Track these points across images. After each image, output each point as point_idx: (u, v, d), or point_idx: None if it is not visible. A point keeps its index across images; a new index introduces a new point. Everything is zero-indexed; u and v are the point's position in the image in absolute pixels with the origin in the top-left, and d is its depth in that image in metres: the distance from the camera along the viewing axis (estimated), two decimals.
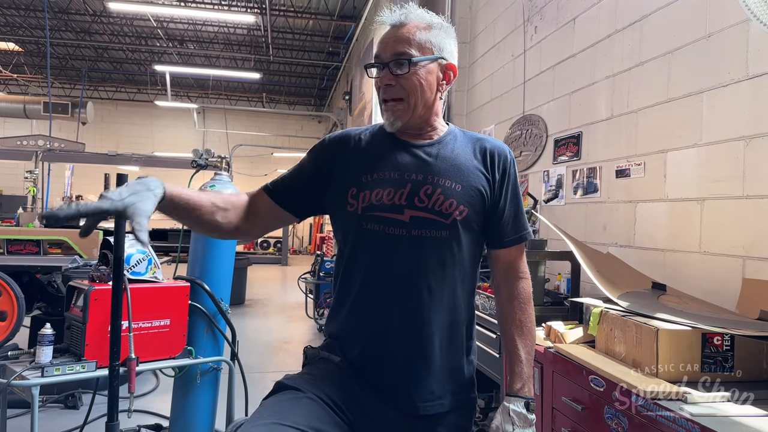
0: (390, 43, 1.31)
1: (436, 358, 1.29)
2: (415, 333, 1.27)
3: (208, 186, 2.83)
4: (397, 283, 1.27)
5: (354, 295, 1.33)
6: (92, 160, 11.11)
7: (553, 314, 2.44)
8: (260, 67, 15.99)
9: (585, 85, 3.14)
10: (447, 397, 1.31)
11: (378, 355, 1.29)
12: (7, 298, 3.52)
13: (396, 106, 1.32)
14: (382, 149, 1.36)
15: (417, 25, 1.32)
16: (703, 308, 1.91)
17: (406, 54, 1.29)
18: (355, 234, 1.31)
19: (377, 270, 1.29)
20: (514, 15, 4.12)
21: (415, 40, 1.30)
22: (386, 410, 1.28)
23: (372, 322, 1.30)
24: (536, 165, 3.69)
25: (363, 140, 1.40)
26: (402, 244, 1.27)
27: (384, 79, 1.31)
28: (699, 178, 2.24)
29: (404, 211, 1.27)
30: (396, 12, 1.34)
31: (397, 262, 1.27)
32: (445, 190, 1.29)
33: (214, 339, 2.76)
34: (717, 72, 2.17)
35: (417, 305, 1.27)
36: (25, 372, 2.24)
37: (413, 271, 1.27)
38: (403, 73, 1.29)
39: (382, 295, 1.29)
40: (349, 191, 1.31)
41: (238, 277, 7.63)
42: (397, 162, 1.33)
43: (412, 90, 1.30)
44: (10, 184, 16.56)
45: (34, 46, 14.66)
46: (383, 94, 1.33)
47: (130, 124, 19.17)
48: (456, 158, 1.34)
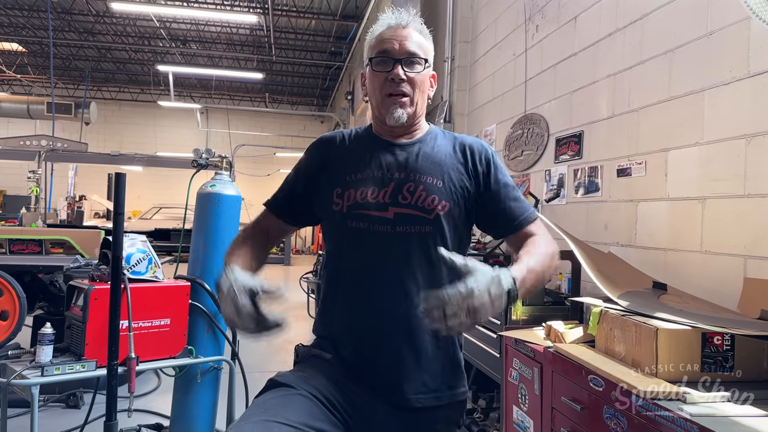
0: (400, 41, 1.36)
1: (427, 351, 1.32)
2: (404, 327, 1.30)
3: (209, 186, 2.83)
4: (385, 279, 1.31)
5: (342, 293, 1.36)
6: (95, 161, 11.14)
7: (554, 314, 2.43)
8: (263, 67, 16.01)
9: (586, 84, 3.13)
10: (440, 390, 1.34)
11: (369, 351, 1.31)
12: (8, 297, 3.53)
13: (403, 100, 1.36)
14: (365, 149, 1.41)
15: (417, 31, 1.39)
16: (703, 308, 1.90)
17: (418, 55, 1.36)
18: (341, 232, 1.35)
19: (364, 267, 1.32)
20: (516, 14, 4.11)
21: (421, 44, 1.38)
22: (379, 405, 1.30)
23: (361, 319, 1.32)
24: (538, 164, 3.68)
25: (348, 141, 1.46)
26: (387, 241, 1.30)
27: (397, 74, 1.34)
28: (700, 177, 2.23)
29: (388, 208, 1.32)
30: (399, 14, 1.39)
31: (384, 258, 1.31)
32: (426, 186, 1.33)
33: (215, 338, 2.76)
34: (718, 70, 2.15)
35: (405, 300, 1.29)
36: (25, 371, 2.24)
37: (400, 267, 1.30)
38: (416, 71, 1.36)
39: (371, 292, 1.31)
40: (335, 191, 1.36)
41: None
42: (380, 161, 1.38)
43: (418, 89, 1.37)
44: (13, 185, 16.64)
45: (38, 47, 14.72)
46: (392, 89, 1.36)
47: (133, 124, 19.21)
48: (436, 155, 1.39)
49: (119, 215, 2.23)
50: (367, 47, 1.43)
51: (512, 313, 2.49)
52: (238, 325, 1.13)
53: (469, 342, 2.82)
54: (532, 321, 2.46)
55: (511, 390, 2.27)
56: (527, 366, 2.12)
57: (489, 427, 2.95)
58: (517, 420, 2.20)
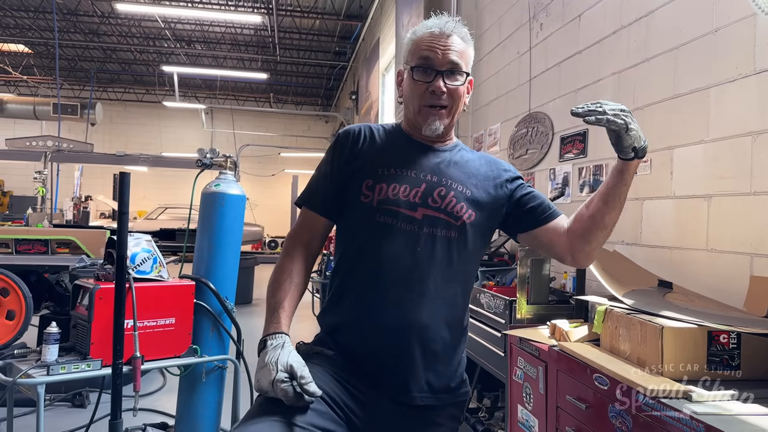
0: (443, 51, 1.36)
1: (435, 351, 1.32)
2: (417, 326, 1.30)
3: (213, 185, 2.83)
4: (405, 277, 1.31)
5: (359, 285, 1.35)
6: (101, 161, 11.19)
7: (559, 312, 2.43)
8: (267, 67, 16.03)
9: (591, 82, 3.12)
10: (443, 391, 1.35)
11: (377, 346, 1.31)
12: (15, 297, 3.55)
13: (441, 111, 1.38)
14: (398, 147, 1.42)
15: (462, 38, 1.39)
16: (709, 306, 1.89)
17: (460, 66, 1.37)
18: (368, 225, 1.34)
19: (386, 262, 1.31)
20: (520, 12, 4.10)
21: (464, 54, 1.39)
22: (382, 401, 1.30)
23: (374, 314, 1.32)
24: (542, 163, 3.67)
25: (378, 135, 1.45)
26: (412, 240, 1.31)
27: (438, 87, 1.35)
28: (706, 175, 2.22)
29: (418, 208, 1.33)
30: (444, 20, 1.39)
31: (407, 256, 1.31)
32: (457, 193, 1.36)
33: (220, 338, 2.76)
34: (724, 67, 2.14)
35: (421, 299, 1.30)
36: (31, 370, 2.25)
37: (421, 266, 1.31)
38: (456, 84, 1.37)
39: (388, 288, 1.31)
40: (365, 182, 1.35)
41: (246, 276, 7.64)
42: (414, 161, 1.39)
43: (458, 100, 1.39)
44: (20, 185, 16.73)
45: (44, 48, 14.78)
46: (432, 100, 1.37)
47: (138, 124, 19.28)
48: (467, 165, 1.43)
49: (123, 214, 2.24)
50: (408, 49, 1.42)
51: (517, 312, 2.48)
52: (269, 394, 1.17)
53: (474, 341, 2.81)
54: (537, 320, 2.45)
55: (515, 389, 2.27)
56: (532, 365, 2.12)
57: (494, 427, 2.94)
58: (522, 419, 2.19)
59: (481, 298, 2.81)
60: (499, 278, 3.25)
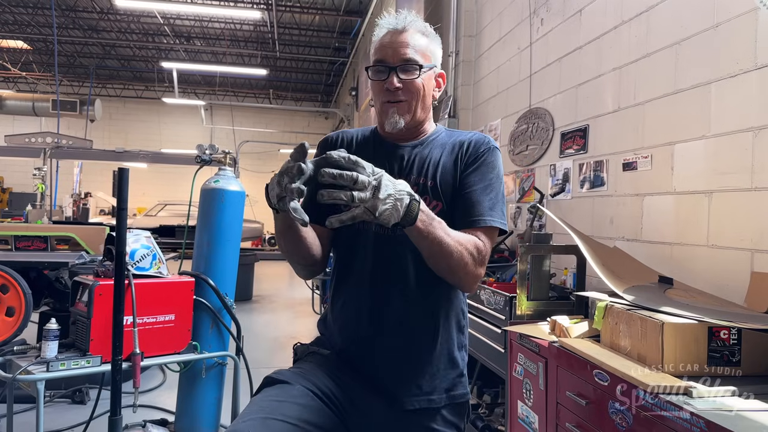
0: (395, 48, 1.34)
1: (422, 353, 1.32)
2: (400, 328, 1.31)
3: (212, 181, 2.83)
4: (383, 279, 1.32)
5: (344, 292, 1.39)
6: (100, 157, 11.15)
7: (559, 309, 2.42)
8: (267, 63, 16.00)
9: (591, 78, 3.11)
10: (435, 393, 1.33)
11: (366, 350, 1.32)
12: (14, 294, 3.55)
13: (400, 104, 1.36)
14: (368, 150, 1.42)
15: (417, 32, 1.37)
16: (710, 302, 1.89)
17: (413, 60, 1.34)
18: (347, 231, 1.33)
19: (365, 266, 1.34)
20: (520, 7, 4.08)
21: (419, 47, 1.35)
22: (376, 402, 1.30)
23: (360, 318, 1.33)
24: (543, 159, 3.66)
25: (355, 141, 1.47)
26: (385, 241, 1.32)
27: (391, 83, 1.33)
28: (707, 171, 2.21)
29: None
30: (397, 17, 1.38)
31: (382, 258, 1.33)
32: (420, 188, 1.34)
33: (219, 334, 2.76)
34: (725, 62, 2.13)
35: (401, 299, 1.31)
36: (31, 367, 2.25)
37: (396, 267, 1.32)
38: (411, 78, 1.34)
39: (370, 291, 1.33)
40: None
41: (246, 273, 7.65)
42: (380, 161, 1.34)
43: (416, 94, 1.35)
44: (19, 182, 16.72)
45: (43, 44, 14.75)
46: (388, 97, 1.36)
47: (138, 121, 19.25)
48: (430, 155, 1.39)
49: (123, 211, 2.23)
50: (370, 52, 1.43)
51: (517, 308, 2.48)
52: (275, 185, 1.10)
53: (474, 337, 2.81)
54: (537, 316, 2.45)
55: (515, 385, 2.27)
56: (532, 361, 2.12)
57: (494, 423, 2.95)
58: (522, 415, 2.19)
59: (481, 295, 2.81)
60: (499, 274, 3.24)
